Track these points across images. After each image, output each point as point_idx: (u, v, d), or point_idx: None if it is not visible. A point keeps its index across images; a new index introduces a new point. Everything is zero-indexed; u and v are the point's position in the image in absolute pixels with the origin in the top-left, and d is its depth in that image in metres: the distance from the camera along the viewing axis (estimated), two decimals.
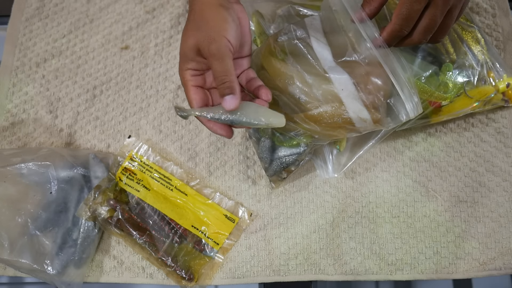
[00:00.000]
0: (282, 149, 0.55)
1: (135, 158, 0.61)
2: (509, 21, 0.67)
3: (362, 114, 0.49)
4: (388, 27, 0.48)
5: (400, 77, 0.49)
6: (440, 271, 0.57)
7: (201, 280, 0.57)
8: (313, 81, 0.50)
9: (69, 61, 0.69)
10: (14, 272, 0.59)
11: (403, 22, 0.47)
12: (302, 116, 0.51)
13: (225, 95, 0.44)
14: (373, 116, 0.49)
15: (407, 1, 0.45)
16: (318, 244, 0.58)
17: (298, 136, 0.53)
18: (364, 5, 0.50)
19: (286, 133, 0.54)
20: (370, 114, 0.49)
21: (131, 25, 0.70)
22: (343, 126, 0.51)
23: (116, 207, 0.57)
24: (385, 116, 0.51)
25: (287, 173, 0.57)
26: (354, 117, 0.50)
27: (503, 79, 0.59)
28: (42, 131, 0.65)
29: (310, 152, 0.56)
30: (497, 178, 0.60)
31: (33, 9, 0.72)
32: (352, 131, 0.52)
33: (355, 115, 0.49)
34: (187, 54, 0.46)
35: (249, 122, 0.46)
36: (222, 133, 0.47)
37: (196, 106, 0.47)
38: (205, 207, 0.60)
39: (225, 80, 0.44)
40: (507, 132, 0.62)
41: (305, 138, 0.53)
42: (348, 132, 0.52)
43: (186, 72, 0.47)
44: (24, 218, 0.55)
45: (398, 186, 0.60)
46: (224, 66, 0.44)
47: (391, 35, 0.48)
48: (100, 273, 0.59)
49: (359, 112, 0.49)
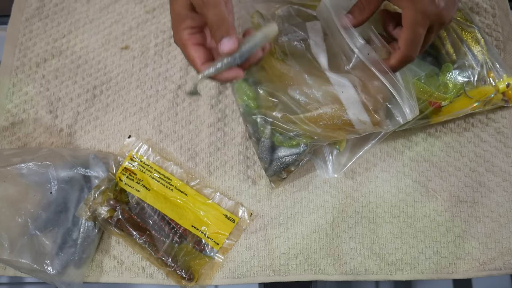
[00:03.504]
0: (282, 149, 0.55)
1: (135, 158, 0.61)
2: (509, 21, 0.67)
3: (362, 116, 0.49)
4: (397, 55, 0.48)
5: (395, 81, 0.49)
6: (440, 271, 0.57)
7: (201, 280, 0.57)
8: (313, 82, 0.50)
9: (69, 61, 0.69)
10: (14, 272, 0.59)
11: (413, 48, 0.47)
12: (301, 117, 0.51)
13: (222, 38, 0.43)
14: (372, 118, 0.49)
15: (412, 28, 0.46)
16: (318, 244, 0.58)
17: (297, 136, 0.53)
18: (353, 12, 0.49)
19: (286, 133, 0.54)
20: (370, 116, 0.49)
21: (131, 25, 0.70)
22: (342, 128, 0.51)
23: (116, 207, 0.57)
24: (384, 119, 0.51)
25: (287, 173, 0.57)
26: (353, 119, 0.50)
27: (503, 79, 0.59)
28: (42, 131, 0.65)
29: (310, 152, 0.56)
30: (497, 178, 0.60)
31: (33, 9, 0.72)
32: (351, 132, 0.52)
33: (355, 117, 0.49)
34: (180, 13, 0.45)
35: (250, 46, 0.45)
36: (233, 74, 0.45)
37: (200, 63, 0.45)
38: (205, 207, 0.60)
39: (220, 25, 0.43)
40: (507, 132, 0.62)
41: (304, 139, 0.53)
42: (347, 133, 0.52)
43: (183, 32, 0.46)
44: (24, 218, 0.55)
45: (398, 186, 0.60)
46: (219, 12, 0.43)
47: (401, 62, 0.48)
48: (100, 273, 0.59)
49: (359, 114, 0.49)
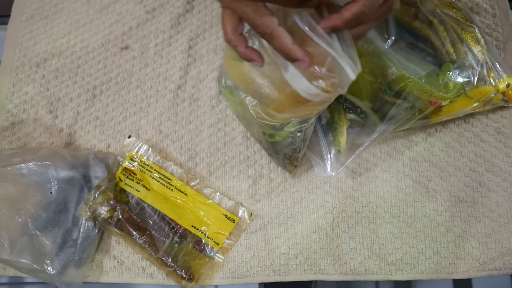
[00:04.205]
0: (279, 143, 0.55)
1: (135, 158, 0.61)
2: (509, 21, 0.67)
3: (310, 90, 0.47)
4: (353, 8, 0.42)
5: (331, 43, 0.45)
6: (440, 271, 0.57)
7: (201, 280, 0.57)
8: (271, 72, 0.49)
9: (69, 61, 0.69)
10: (14, 272, 0.59)
11: (370, 4, 0.42)
12: (270, 111, 0.51)
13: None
14: (322, 87, 0.47)
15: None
16: (318, 244, 0.58)
17: (280, 129, 0.53)
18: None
19: (271, 131, 0.53)
20: (317, 87, 0.47)
21: (131, 25, 0.70)
22: (306, 106, 0.49)
23: (116, 207, 0.57)
24: (335, 82, 0.48)
25: (295, 161, 0.57)
26: (306, 96, 0.48)
27: (503, 79, 0.59)
28: (42, 131, 0.65)
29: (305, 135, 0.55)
30: (497, 178, 0.60)
31: (33, 9, 0.72)
32: (318, 105, 0.50)
33: (305, 93, 0.48)
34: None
35: None
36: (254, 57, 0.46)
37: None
38: (205, 207, 0.60)
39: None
40: (507, 132, 0.62)
41: (292, 127, 0.53)
42: (316, 107, 0.50)
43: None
44: (24, 218, 0.55)
45: (398, 186, 0.60)
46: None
47: (355, 16, 0.42)
48: (100, 273, 0.59)
49: (307, 89, 0.47)
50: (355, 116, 0.60)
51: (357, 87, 0.58)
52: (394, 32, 0.58)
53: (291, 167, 0.59)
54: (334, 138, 0.59)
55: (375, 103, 0.58)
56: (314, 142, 0.60)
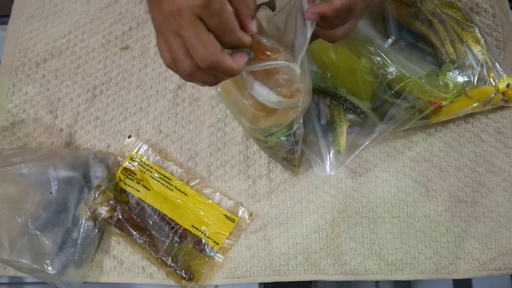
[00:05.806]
0: (273, 148, 0.56)
1: (135, 158, 0.61)
2: (509, 21, 0.67)
3: (271, 98, 0.47)
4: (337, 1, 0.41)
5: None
6: (440, 271, 0.57)
7: (201, 280, 0.57)
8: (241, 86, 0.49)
9: (69, 61, 0.69)
10: (14, 272, 0.59)
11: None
12: (250, 125, 0.51)
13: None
14: (282, 94, 0.47)
15: None
16: (318, 244, 0.58)
17: (269, 136, 0.53)
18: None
19: (263, 137, 0.54)
20: (278, 94, 0.47)
21: (131, 25, 0.70)
22: (275, 115, 0.49)
23: (116, 207, 0.57)
24: (295, 86, 0.46)
25: (293, 161, 0.58)
26: (271, 105, 0.48)
27: (503, 79, 0.59)
28: (42, 131, 0.65)
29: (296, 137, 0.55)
30: (497, 178, 0.60)
31: (33, 9, 0.72)
32: (287, 111, 0.49)
33: (269, 102, 0.47)
34: None
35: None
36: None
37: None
38: (205, 207, 0.60)
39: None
40: (507, 132, 0.62)
41: (279, 133, 0.53)
42: (286, 114, 0.49)
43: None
44: (24, 218, 0.55)
45: (398, 186, 0.60)
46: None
47: (346, 5, 0.41)
48: (100, 273, 0.59)
49: (268, 97, 0.46)
50: (355, 117, 0.60)
51: (357, 87, 0.58)
52: (394, 32, 0.58)
53: (291, 167, 0.60)
54: (334, 139, 0.59)
55: (375, 103, 0.58)
56: (313, 142, 0.60)
